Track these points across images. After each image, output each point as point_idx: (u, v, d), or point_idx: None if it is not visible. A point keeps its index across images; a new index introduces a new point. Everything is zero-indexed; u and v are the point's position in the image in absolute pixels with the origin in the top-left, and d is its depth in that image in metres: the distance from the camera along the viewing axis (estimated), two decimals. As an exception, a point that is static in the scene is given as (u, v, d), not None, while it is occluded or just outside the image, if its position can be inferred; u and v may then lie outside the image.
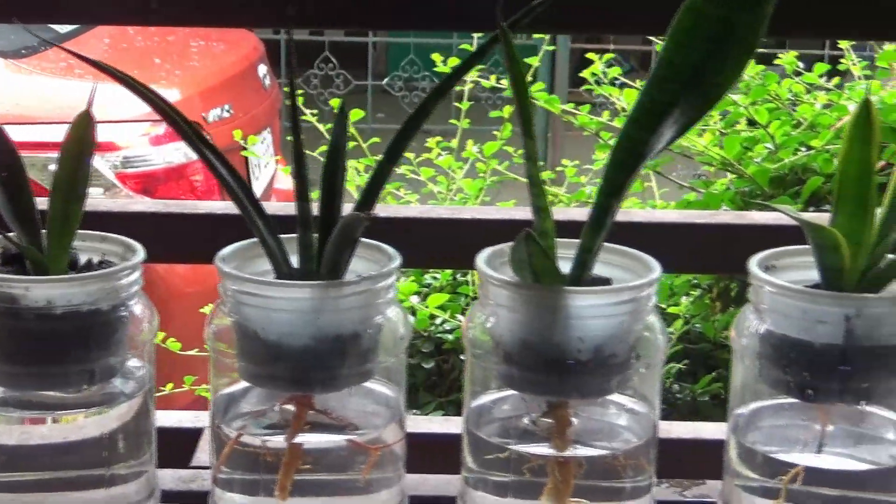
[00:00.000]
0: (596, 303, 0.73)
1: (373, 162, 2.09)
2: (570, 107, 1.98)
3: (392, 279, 0.77)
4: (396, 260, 0.77)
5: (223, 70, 3.15)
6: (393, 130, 0.77)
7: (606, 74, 2.04)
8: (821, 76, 1.91)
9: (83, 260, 0.80)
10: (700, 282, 1.79)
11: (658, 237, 1.00)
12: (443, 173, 2.15)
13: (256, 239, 0.77)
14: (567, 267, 0.75)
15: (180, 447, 1.03)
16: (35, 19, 0.95)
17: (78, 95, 0.93)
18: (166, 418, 1.06)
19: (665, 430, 0.91)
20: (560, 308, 0.72)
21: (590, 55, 2.06)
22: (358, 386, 0.77)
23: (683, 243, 1.02)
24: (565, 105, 1.98)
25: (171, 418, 1.09)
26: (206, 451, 0.91)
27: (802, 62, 1.97)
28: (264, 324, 0.74)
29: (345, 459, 0.78)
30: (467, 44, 2.05)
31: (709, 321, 1.77)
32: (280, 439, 0.76)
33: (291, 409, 0.76)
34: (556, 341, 0.72)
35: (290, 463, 0.76)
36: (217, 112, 2.90)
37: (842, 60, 2.07)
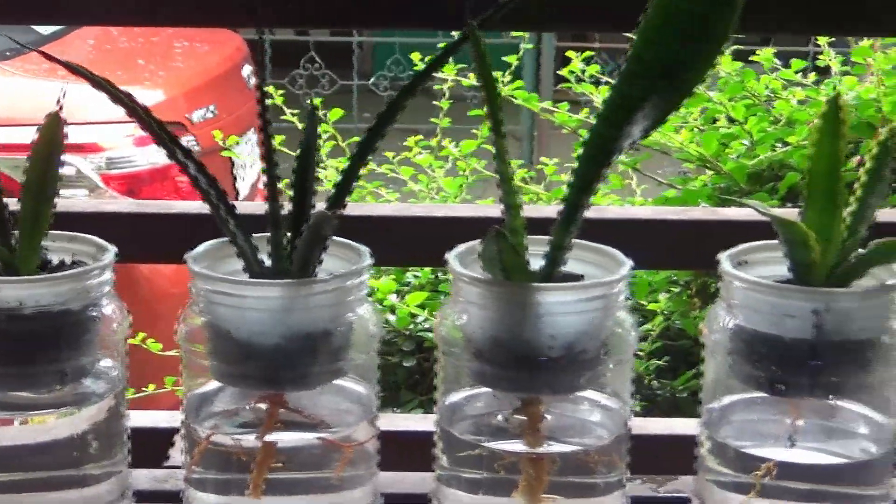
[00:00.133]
0: (566, 299, 0.73)
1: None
2: (550, 105, 1.98)
3: (363, 277, 0.77)
4: (367, 258, 0.77)
5: (207, 71, 3.15)
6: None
7: (586, 72, 2.04)
8: (798, 72, 1.92)
9: (54, 260, 0.80)
10: (679, 278, 1.80)
11: (631, 233, 1.00)
12: (423, 172, 2.15)
13: (228, 238, 0.77)
14: (538, 264, 0.75)
15: (156, 447, 1.03)
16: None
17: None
18: (141, 418, 1.06)
19: (640, 427, 0.91)
20: (530, 305, 0.72)
21: (569, 53, 2.07)
22: (330, 384, 0.77)
23: (657, 240, 1.02)
24: (553, 103, 1.98)
25: (147, 418, 1.09)
26: (181, 451, 0.91)
27: (780, 59, 1.97)
28: (236, 323, 0.74)
29: (318, 457, 0.78)
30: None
31: (688, 318, 1.77)
32: (253, 438, 0.76)
33: (264, 408, 0.76)
34: (527, 338, 0.72)
35: (263, 462, 0.76)
36: (201, 113, 2.90)
37: (820, 57, 2.07)
